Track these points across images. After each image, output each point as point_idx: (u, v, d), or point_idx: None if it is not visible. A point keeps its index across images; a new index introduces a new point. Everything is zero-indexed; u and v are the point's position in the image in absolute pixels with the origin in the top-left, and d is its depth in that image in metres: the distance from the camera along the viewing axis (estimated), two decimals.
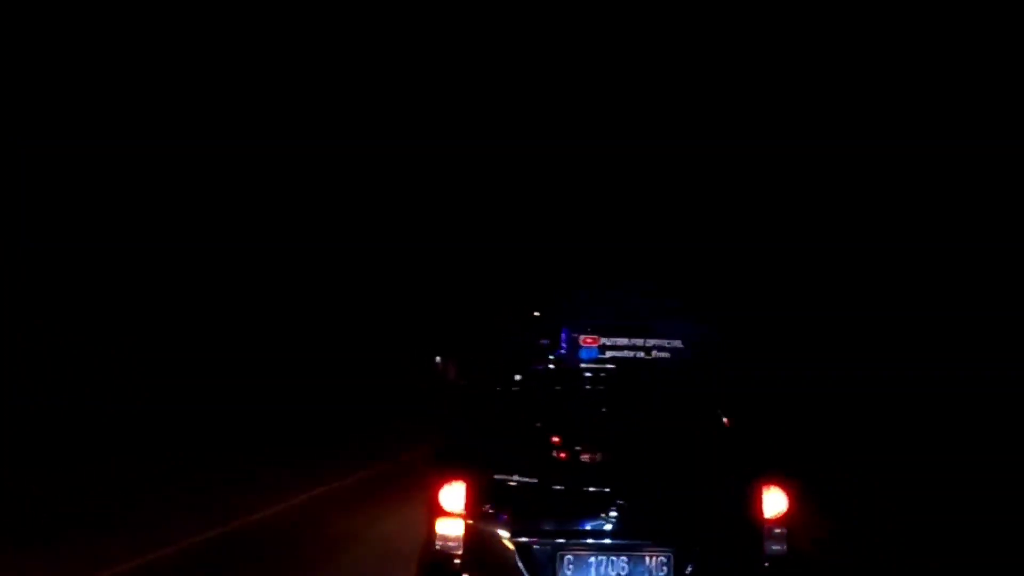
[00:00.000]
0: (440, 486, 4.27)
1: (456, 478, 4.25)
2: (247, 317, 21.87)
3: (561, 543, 4.15)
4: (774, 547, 4.24)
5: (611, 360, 4.89)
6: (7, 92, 15.23)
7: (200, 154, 19.27)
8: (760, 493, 4.26)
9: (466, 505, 4.21)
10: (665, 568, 4.14)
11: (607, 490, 4.22)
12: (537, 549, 4.15)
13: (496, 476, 4.29)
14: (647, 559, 4.15)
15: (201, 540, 7.64)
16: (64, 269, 16.13)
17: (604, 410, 4.90)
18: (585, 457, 4.52)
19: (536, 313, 5.24)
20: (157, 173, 18.56)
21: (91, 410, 15.55)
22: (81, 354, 16.56)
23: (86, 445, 13.41)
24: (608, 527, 4.17)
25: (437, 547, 4.24)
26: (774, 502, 4.27)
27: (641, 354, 4.90)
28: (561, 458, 4.57)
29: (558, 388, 4.97)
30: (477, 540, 4.20)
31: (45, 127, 15.74)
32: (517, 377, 5.04)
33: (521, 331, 5.17)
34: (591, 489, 4.25)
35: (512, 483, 4.29)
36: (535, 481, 4.31)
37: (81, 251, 16.34)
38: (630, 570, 4.14)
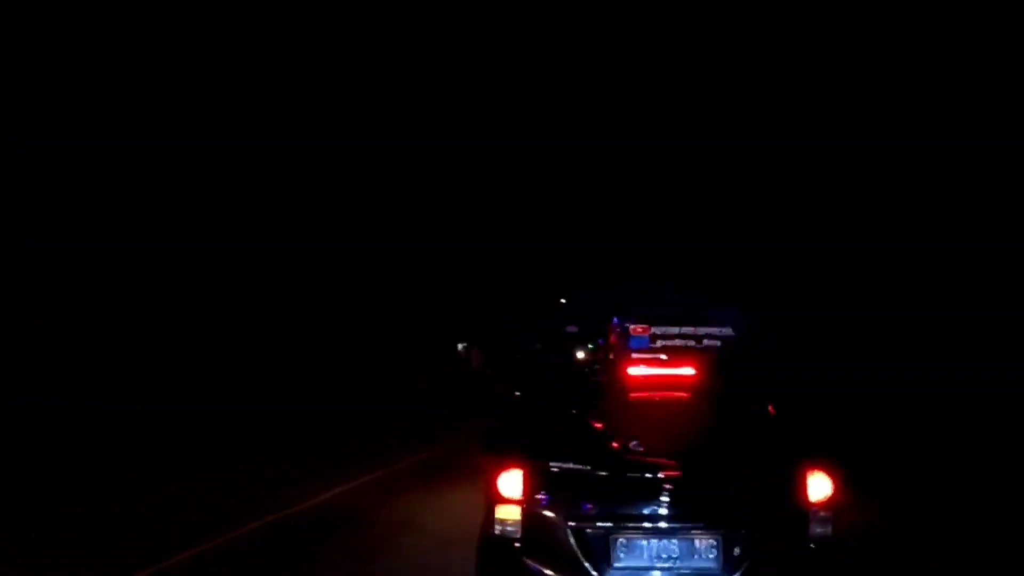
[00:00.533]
0: (498, 474, 4.44)
1: (513, 466, 4.42)
2: (247, 317, 21.86)
3: (614, 527, 4.29)
4: (819, 530, 4.35)
5: (662, 350, 4.95)
6: (7, 92, 15.23)
7: (200, 154, 19.27)
8: (806, 477, 4.38)
9: (523, 492, 4.38)
10: (714, 551, 4.26)
11: (657, 476, 4.35)
12: (591, 533, 4.28)
13: (551, 464, 4.45)
14: (697, 542, 4.27)
15: (208, 547, 7.63)
16: (64, 269, 16.12)
17: (653, 399, 4.98)
18: (635, 444, 4.61)
19: (562, 300, 5.40)
20: (157, 173, 18.55)
21: (91, 410, 15.55)
22: (81, 354, 16.55)
23: (86, 445, 13.41)
24: (659, 512, 4.30)
25: (496, 532, 4.40)
26: (819, 486, 4.38)
27: (692, 343, 4.98)
28: (612, 446, 4.67)
29: (606, 378, 5.06)
30: (534, 525, 4.36)
31: (45, 127, 15.73)
32: (566, 367, 5.17)
33: (529, 324, 5.30)
34: (642, 475, 4.39)
35: (566, 470, 4.44)
36: (588, 468, 4.45)
37: (81, 251, 16.34)
38: (680, 553, 4.27)
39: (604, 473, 4.45)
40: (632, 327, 4.97)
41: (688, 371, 4.88)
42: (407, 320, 32.26)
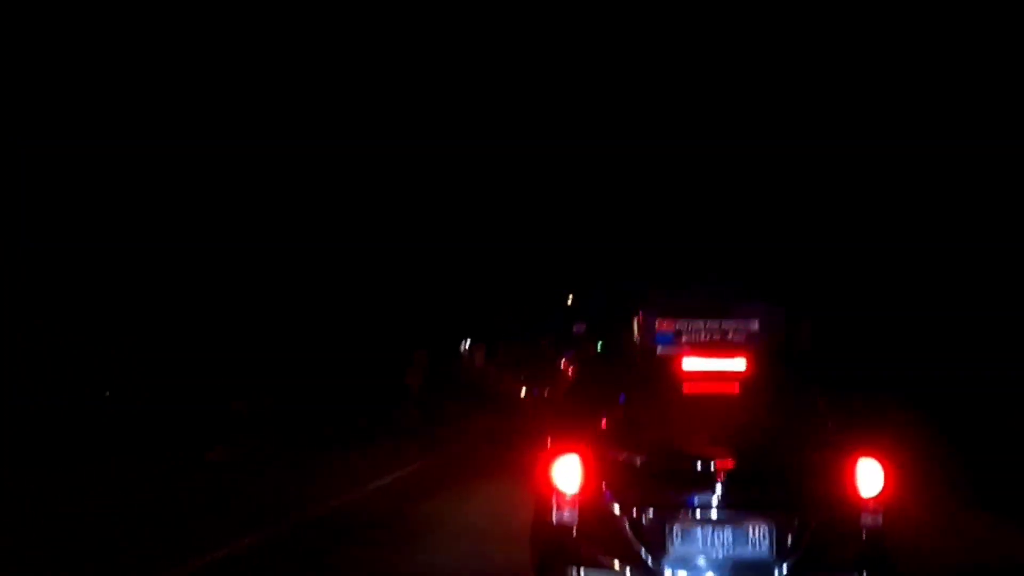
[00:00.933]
0: (554, 463, 4.49)
1: (571, 453, 4.49)
2: (247, 317, 21.83)
3: (669, 515, 4.36)
4: (870, 519, 4.42)
5: (687, 344, 4.98)
6: (7, 92, 15.21)
7: (200, 154, 19.24)
8: (858, 467, 4.46)
9: (579, 480, 4.44)
10: (767, 539, 4.32)
11: (712, 465, 4.40)
12: (647, 521, 4.34)
13: (607, 452, 4.52)
14: (750, 530, 4.33)
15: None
16: (64, 269, 16.09)
17: (705, 389, 5.00)
18: (688, 434, 4.67)
19: (570, 300, 5.42)
20: (157, 173, 18.52)
21: (91, 410, 15.51)
22: (81, 354, 16.52)
23: (86, 445, 13.37)
24: (713, 500, 4.36)
25: (553, 521, 4.45)
26: (871, 476, 4.45)
27: (717, 337, 5.01)
28: (667, 435, 4.72)
29: (655, 368, 5.08)
30: (590, 513, 4.42)
31: (45, 127, 15.71)
32: (615, 359, 5.19)
33: (531, 322, 5.34)
34: (696, 464, 4.43)
35: (621, 459, 4.52)
36: (643, 456, 4.52)
37: (81, 251, 16.31)
38: (734, 540, 4.32)
39: (659, 461, 4.50)
40: (657, 322, 4.99)
41: (740, 363, 4.88)
42: (409, 319, 32.20)
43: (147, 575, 6.66)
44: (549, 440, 4.81)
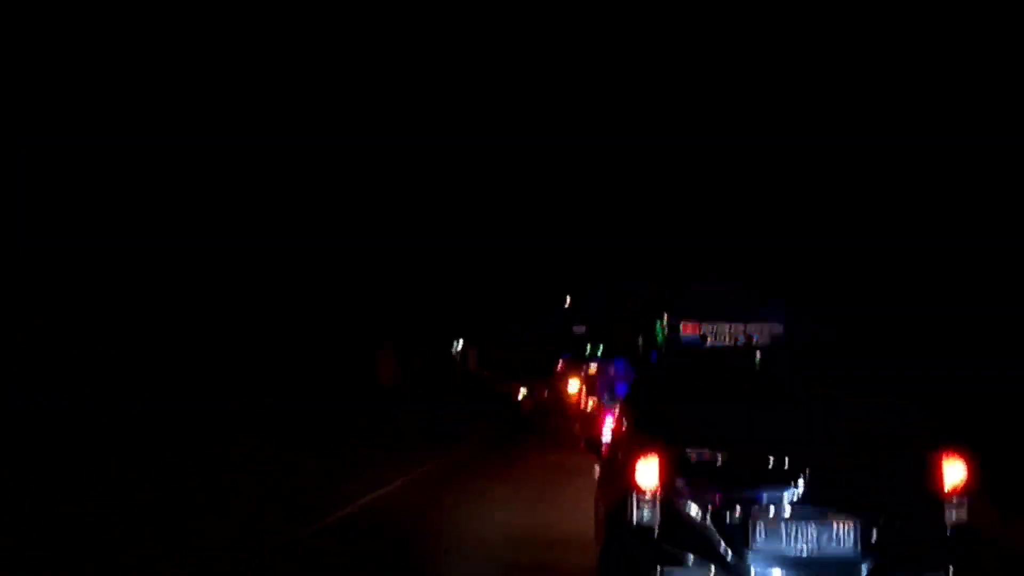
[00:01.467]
0: (635, 461, 4.48)
1: (650, 453, 4.47)
2: (247, 317, 21.83)
3: (752, 512, 4.34)
4: (955, 515, 4.43)
5: (711, 347, 5.02)
6: (7, 92, 15.20)
7: (200, 154, 19.24)
8: (940, 464, 4.46)
9: (660, 478, 4.42)
10: (852, 535, 4.30)
11: (795, 461, 4.38)
12: (729, 518, 4.34)
13: (688, 449, 4.49)
14: (834, 527, 4.31)
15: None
16: (64, 269, 16.09)
17: (778, 388, 5.08)
18: (769, 430, 4.67)
19: (568, 301, 5.50)
20: (157, 173, 18.52)
21: (91, 410, 15.50)
22: (81, 354, 16.51)
23: (86, 445, 13.36)
24: (796, 497, 4.34)
25: (633, 522, 4.44)
26: (954, 472, 4.46)
27: (741, 339, 5.06)
28: (747, 432, 4.71)
29: (727, 368, 5.10)
30: (672, 511, 4.41)
31: (45, 127, 15.70)
32: (686, 358, 5.22)
33: (528, 323, 5.40)
34: (778, 460, 4.41)
35: (703, 456, 4.49)
36: (724, 454, 4.48)
37: (81, 251, 16.30)
38: (819, 537, 4.31)
39: (741, 458, 4.49)
40: (683, 325, 5.05)
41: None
42: (406, 319, 32.21)
43: (147, 575, 6.66)
44: (608, 444, 4.80)
